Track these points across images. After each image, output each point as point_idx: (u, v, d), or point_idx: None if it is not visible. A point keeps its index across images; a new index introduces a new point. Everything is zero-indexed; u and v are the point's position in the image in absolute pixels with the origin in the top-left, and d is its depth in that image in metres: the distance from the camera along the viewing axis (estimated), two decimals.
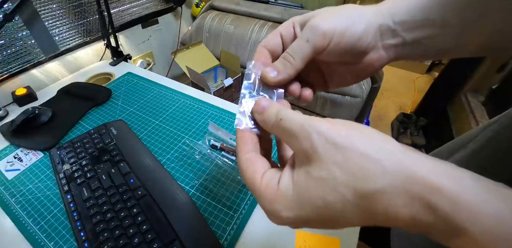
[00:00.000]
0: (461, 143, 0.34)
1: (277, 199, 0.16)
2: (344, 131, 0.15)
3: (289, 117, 0.17)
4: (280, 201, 0.16)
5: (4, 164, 0.50)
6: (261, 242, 0.39)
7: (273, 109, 0.19)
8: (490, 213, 0.12)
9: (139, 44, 1.07)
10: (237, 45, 1.08)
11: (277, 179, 0.17)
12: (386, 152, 0.14)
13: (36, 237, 0.39)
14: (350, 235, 0.40)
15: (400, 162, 0.14)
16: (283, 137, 0.18)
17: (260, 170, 0.18)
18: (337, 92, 0.98)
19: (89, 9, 0.83)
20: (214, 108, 0.63)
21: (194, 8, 1.26)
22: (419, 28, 0.21)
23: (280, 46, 0.24)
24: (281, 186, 0.17)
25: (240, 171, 0.19)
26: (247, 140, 0.20)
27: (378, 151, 0.14)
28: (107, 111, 0.62)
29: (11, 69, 0.69)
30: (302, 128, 0.16)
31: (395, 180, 0.13)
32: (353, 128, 0.16)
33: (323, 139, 0.15)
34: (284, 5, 1.09)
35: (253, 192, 0.18)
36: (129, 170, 0.46)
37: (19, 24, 0.66)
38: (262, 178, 0.18)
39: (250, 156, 0.19)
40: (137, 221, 0.39)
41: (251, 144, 0.20)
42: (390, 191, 0.13)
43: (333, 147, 0.15)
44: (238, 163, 0.19)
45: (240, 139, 0.20)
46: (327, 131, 0.15)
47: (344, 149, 0.15)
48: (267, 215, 0.18)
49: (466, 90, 1.27)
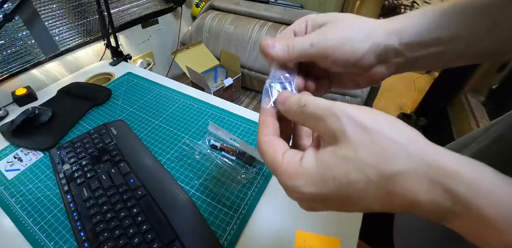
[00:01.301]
0: (463, 144, 0.34)
1: (299, 175, 0.17)
2: (371, 115, 0.16)
3: (313, 102, 0.18)
4: (302, 177, 0.17)
5: (4, 164, 0.50)
6: (261, 242, 0.39)
7: (294, 97, 0.19)
8: (508, 196, 0.12)
9: (139, 44, 1.07)
10: (237, 45, 1.08)
11: (299, 157, 0.18)
12: (411, 139, 0.15)
13: (36, 237, 0.39)
14: (350, 235, 0.40)
15: (423, 149, 0.14)
16: (307, 122, 0.18)
17: (280, 149, 0.19)
18: (337, 92, 0.98)
19: (89, 9, 0.83)
20: (214, 108, 0.63)
21: (194, 8, 1.26)
22: (425, 47, 0.21)
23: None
24: (304, 163, 0.17)
25: (260, 152, 0.20)
26: (268, 124, 0.20)
27: (404, 137, 0.15)
28: (107, 111, 0.62)
29: (11, 69, 0.69)
30: (330, 111, 0.17)
31: (417, 164, 0.14)
32: (380, 115, 0.16)
33: (352, 121, 0.16)
34: (284, 5, 1.09)
35: (273, 170, 0.18)
36: (129, 170, 0.46)
37: (19, 24, 0.66)
38: (283, 156, 0.18)
39: (270, 138, 0.20)
40: (137, 221, 0.39)
41: (272, 128, 0.20)
42: (412, 174, 0.14)
43: (362, 129, 0.15)
44: (258, 145, 0.20)
45: (262, 122, 0.21)
46: (356, 114, 0.16)
47: (372, 131, 0.15)
48: (286, 191, 0.18)
49: (466, 90, 1.27)
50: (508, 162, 0.25)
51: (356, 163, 0.15)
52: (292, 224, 0.41)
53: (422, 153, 0.14)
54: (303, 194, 0.17)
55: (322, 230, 0.40)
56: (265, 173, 0.48)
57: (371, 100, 1.00)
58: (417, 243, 0.35)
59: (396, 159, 0.14)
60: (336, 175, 0.16)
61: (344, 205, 0.16)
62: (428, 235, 0.33)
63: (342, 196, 0.16)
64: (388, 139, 0.15)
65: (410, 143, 0.15)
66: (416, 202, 0.14)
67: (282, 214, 0.43)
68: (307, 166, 0.17)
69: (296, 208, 0.43)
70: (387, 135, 0.15)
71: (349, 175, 0.15)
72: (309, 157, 0.17)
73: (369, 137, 0.15)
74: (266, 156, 0.19)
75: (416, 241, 0.36)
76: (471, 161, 0.14)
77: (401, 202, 0.14)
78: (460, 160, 0.14)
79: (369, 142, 0.15)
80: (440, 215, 0.14)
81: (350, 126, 0.16)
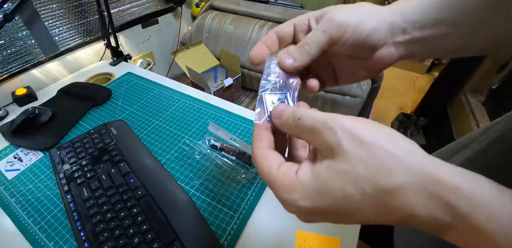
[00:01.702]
0: (463, 144, 0.34)
1: (294, 188, 0.17)
2: (368, 128, 0.16)
3: (308, 115, 0.18)
4: (298, 191, 0.17)
5: (4, 164, 0.50)
6: (261, 242, 0.39)
7: (289, 110, 0.19)
8: (508, 213, 0.12)
9: (139, 44, 1.07)
10: (237, 45, 1.08)
11: (294, 171, 0.18)
12: (408, 152, 0.15)
13: (36, 237, 0.39)
14: (350, 235, 0.40)
15: (420, 163, 0.14)
16: (303, 135, 0.18)
17: (275, 162, 0.19)
18: (337, 92, 0.98)
19: (89, 9, 0.83)
20: (214, 108, 0.63)
21: (194, 8, 1.26)
22: (429, 27, 0.22)
23: (291, 35, 0.24)
24: (300, 176, 0.17)
25: (255, 165, 0.20)
26: (263, 137, 0.20)
27: (401, 151, 0.15)
28: (107, 111, 0.62)
29: (11, 69, 0.69)
30: (326, 124, 0.16)
31: (415, 178, 0.14)
32: (377, 127, 0.16)
33: (348, 134, 0.16)
34: (284, 5, 1.09)
35: (269, 183, 0.18)
36: (129, 170, 0.46)
37: (19, 24, 0.66)
38: (278, 170, 0.18)
39: (265, 151, 0.20)
40: (137, 221, 0.39)
41: (267, 141, 0.20)
42: (409, 189, 0.14)
43: (358, 142, 0.15)
44: (253, 158, 0.20)
45: (256, 136, 0.21)
46: (352, 127, 0.16)
47: (368, 145, 0.15)
48: (283, 205, 0.18)
49: (466, 90, 1.27)
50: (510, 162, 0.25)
51: (352, 177, 0.15)
52: (292, 224, 0.41)
53: (419, 166, 0.14)
54: (300, 208, 0.17)
55: (322, 230, 0.40)
56: None
57: (371, 100, 1.00)
58: (417, 243, 0.35)
59: (394, 172, 0.14)
60: (332, 189, 0.15)
61: (341, 218, 0.16)
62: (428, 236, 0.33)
63: (339, 210, 0.16)
64: (385, 152, 0.15)
65: (408, 156, 0.14)
66: (415, 215, 0.14)
67: (282, 214, 0.43)
68: (302, 179, 0.17)
69: None
70: (384, 148, 0.15)
71: (345, 189, 0.15)
72: (305, 170, 0.17)
73: (366, 150, 0.15)
74: (261, 169, 0.19)
75: (416, 241, 0.36)
76: (469, 173, 0.14)
77: (399, 216, 0.14)
78: (458, 173, 0.14)
79: (365, 155, 0.15)
80: (438, 229, 0.14)
81: (347, 140, 0.15)
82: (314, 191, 0.16)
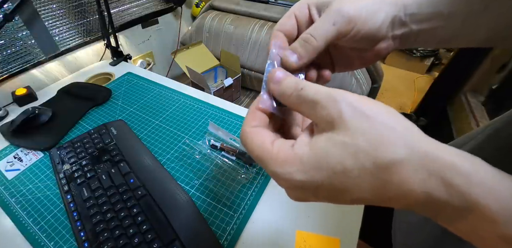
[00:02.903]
0: (462, 143, 0.34)
1: (289, 161, 0.16)
2: (371, 104, 0.16)
3: (311, 86, 0.17)
4: (293, 163, 0.16)
5: (4, 164, 0.50)
6: (261, 242, 0.39)
7: (291, 80, 0.18)
8: (505, 189, 0.12)
9: (139, 44, 1.07)
10: (237, 45, 1.08)
11: (290, 144, 0.17)
12: (409, 129, 0.15)
13: (36, 237, 0.39)
14: (350, 235, 0.40)
15: (420, 140, 0.14)
16: (302, 106, 0.17)
17: (268, 139, 0.18)
18: None
19: (89, 9, 0.83)
20: (214, 108, 0.63)
21: (194, 8, 1.26)
22: (426, 20, 0.22)
23: (295, 28, 0.23)
24: (296, 149, 0.16)
25: (244, 142, 0.18)
26: (255, 117, 0.19)
27: (402, 127, 0.15)
28: (107, 111, 0.62)
29: (11, 69, 0.69)
30: (330, 96, 0.16)
31: (414, 154, 0.14)
32: (379, 103, 0.16)
33: (352, 107, 0.15)
34: (284, 5, 1.09)
35: (261, 158, 0.17)
36: (129, 170, 0.46)
37: (19, 24, 0.66)
38: (272, 144, 0.17)
39: (258, 129, 0.19)
40: (137, 221, 0.39)
41: (260, 121, 0.19)
42: (407, 165, 0.14)
43: (361, 115, 0.15)
44: (241, 135, 0.19)
45: (249, 114, 0.20)
46: (356, 101, 0.16)
47: (370, 119, 0.15)
48: (274, 178, 0.17)
49: (466, 90, 1.27)
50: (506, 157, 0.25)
51: (352, 149, 0.15)
52: (292, 224, 0.41)
53: (419, 143, 0.14)
54: (294, 182, 0.16)
55: (322, 230, 0.40)
56: (265, 173, 0.48)
57: None
58: (416, 242, 0.35)
59: (393, 147, 0.14)
60: (330, 162, 0.15)
61: (335, 194, 0.16)
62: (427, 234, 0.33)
63: (335, 184, 0.15)
64: (386, 126, 0.15)
65: (408, 133, 0.14)
66: (412, 192, 0.14)
67: (282, 214, 0.43)
68: (299, 152, 0.16)
69: (296, 208, 0.43)
70: (385, 123, 0.15)
71: (344, 162, 0.15)
72: (302, 143, 0.16)
73: (367, 123, 0.15)
74: (253, 146, 0.18)
75: (415, 240, 0.36)
76: (467, 154, 0.14)
77: (395, 193, 0.14)
78: (456, 152, 0.14)
79: (367, 128, 0.15)
80: (433, 208, 0.14)
81: (349, 112, 0.15)
82: (311, 163, 0.15)
